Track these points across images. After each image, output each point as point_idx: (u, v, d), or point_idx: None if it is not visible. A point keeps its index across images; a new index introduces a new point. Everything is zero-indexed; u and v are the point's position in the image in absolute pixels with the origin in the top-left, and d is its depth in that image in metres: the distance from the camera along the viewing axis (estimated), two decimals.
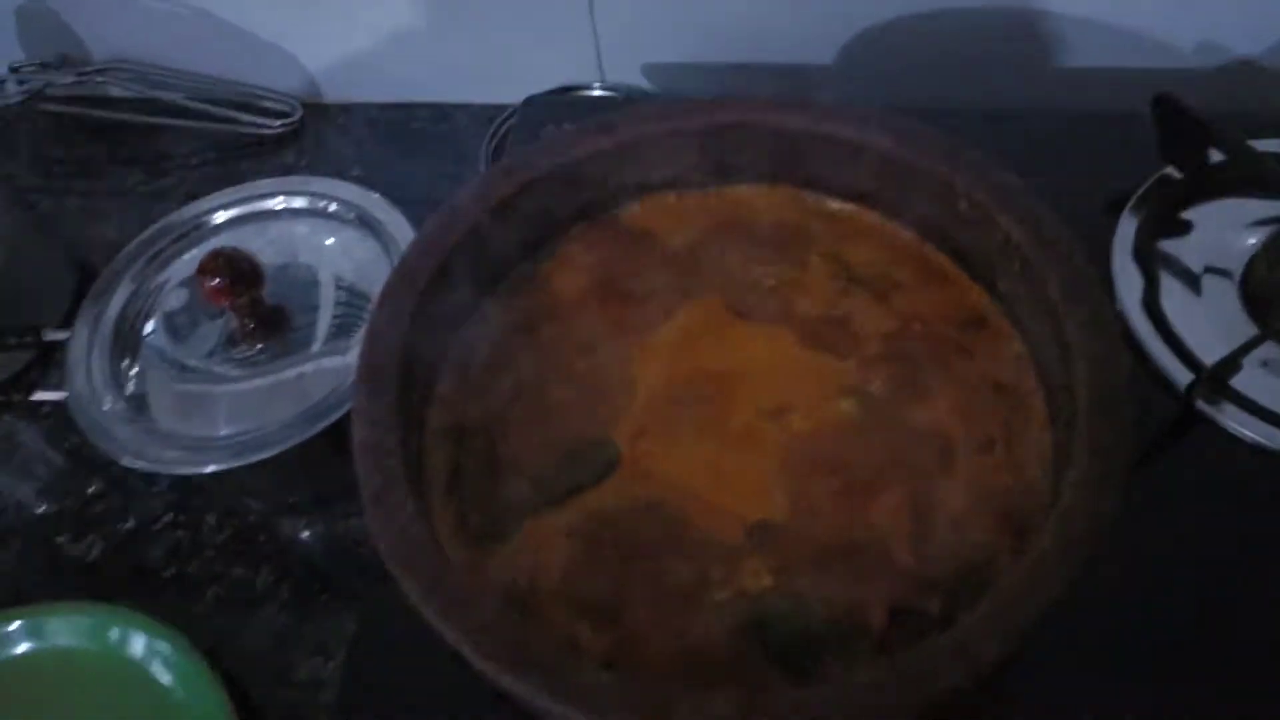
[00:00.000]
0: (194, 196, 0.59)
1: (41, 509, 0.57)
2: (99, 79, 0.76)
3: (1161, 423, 0.46)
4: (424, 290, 0.35)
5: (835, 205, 0.40)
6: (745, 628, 0.31)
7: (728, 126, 0.38)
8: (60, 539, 0.55)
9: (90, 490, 0.57)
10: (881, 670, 0.26)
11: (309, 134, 0.77)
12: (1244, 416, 0.45)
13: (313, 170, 0.73)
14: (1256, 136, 0.54)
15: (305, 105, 0.77)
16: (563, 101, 0.60)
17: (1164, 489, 0.43)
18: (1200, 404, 0.45)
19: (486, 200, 0.37)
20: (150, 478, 0.57)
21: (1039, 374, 0.35)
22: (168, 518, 0.56)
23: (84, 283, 0.63)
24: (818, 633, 0.31)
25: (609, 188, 0.40)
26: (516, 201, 0.38)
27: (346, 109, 0.78)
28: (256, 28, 0.75)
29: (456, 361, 0.38)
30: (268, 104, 0.77)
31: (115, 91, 0.77)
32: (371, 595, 0.48)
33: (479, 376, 0.38)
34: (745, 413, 0.36)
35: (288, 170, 0.73)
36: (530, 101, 0.59)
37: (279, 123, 0.76)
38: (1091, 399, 0.30)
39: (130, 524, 0.55)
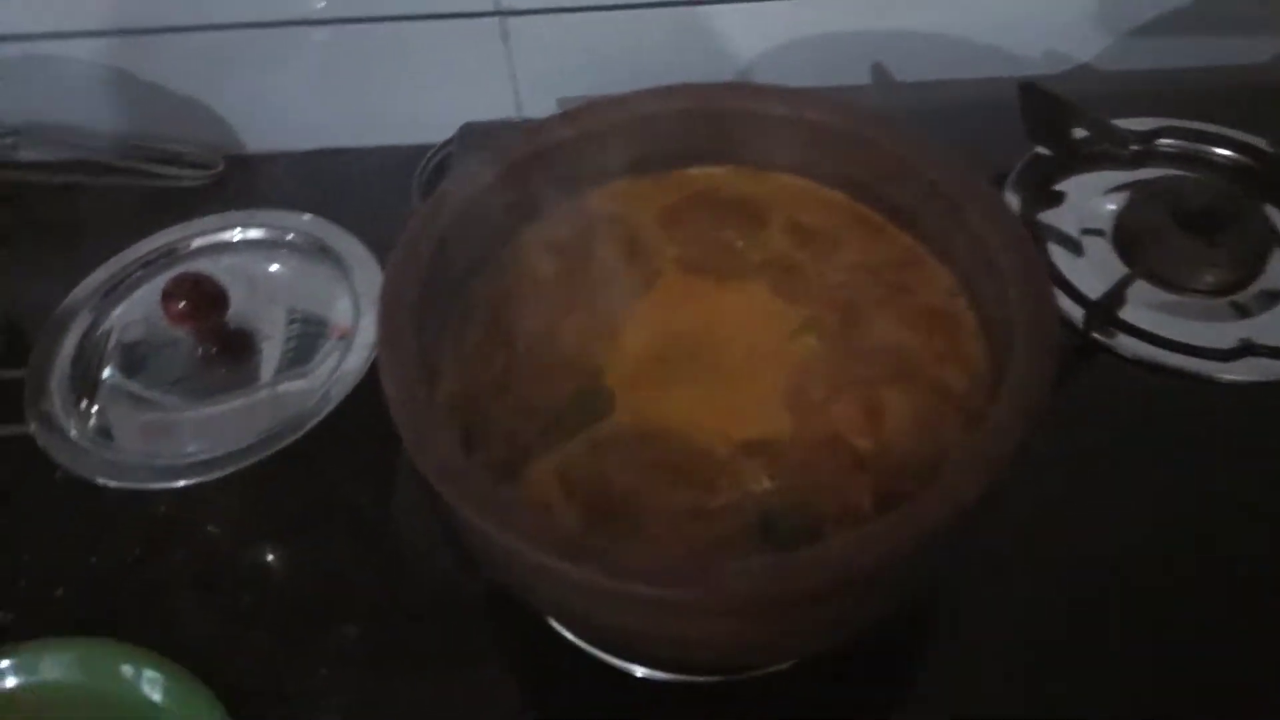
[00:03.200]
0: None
1: None
2: (9, 141, 0.75)
3: (1069, 355, 0.53)
4: (426, 266, 0.38)
5: (779, 176, 0.46)
6: (754, 528, 0.35)
7: (680, 112, 0.43)
8: (22, 583, 0.53)
9: (47, 535, 0.56)
10: (882, 521, 0.30)
11: (232, 185, 0.77)
12: (1133, 342, 0.52)
13: None
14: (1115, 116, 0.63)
15: (227, 157, 0.78)
16: (498, 126, 0.64)
17: (1078, 408, 0.50)
18: (1098, 336, 0.52)
19: (472, 184, 0.40)
20: (110, 519, 0.56)
21: (969, 296, 0.41)
22: (135, 553, 0.55)
23: (13, 342, 0.63)
24: (818, 522, 0.35)
25: (578, 172, 0.45)
26: (499, 184, 0.41)
27: (270, 158, 0.79)
28: (173, 84, 0.76)
29: (452, 338, 0.41)
30: (188, 158, 0.77)
31: (26, 155, 0.77)
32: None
33: (474, 349, 0.41)
34: (725, 354, 0.40)
35: None
36: (469, 127, 0.63)
37: (201, 174, 0.77)
38: (1021, 301, 0.35)
39: (94, 561, 0.55)
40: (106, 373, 0.54)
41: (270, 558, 0.56)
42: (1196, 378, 0.51)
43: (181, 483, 0.49)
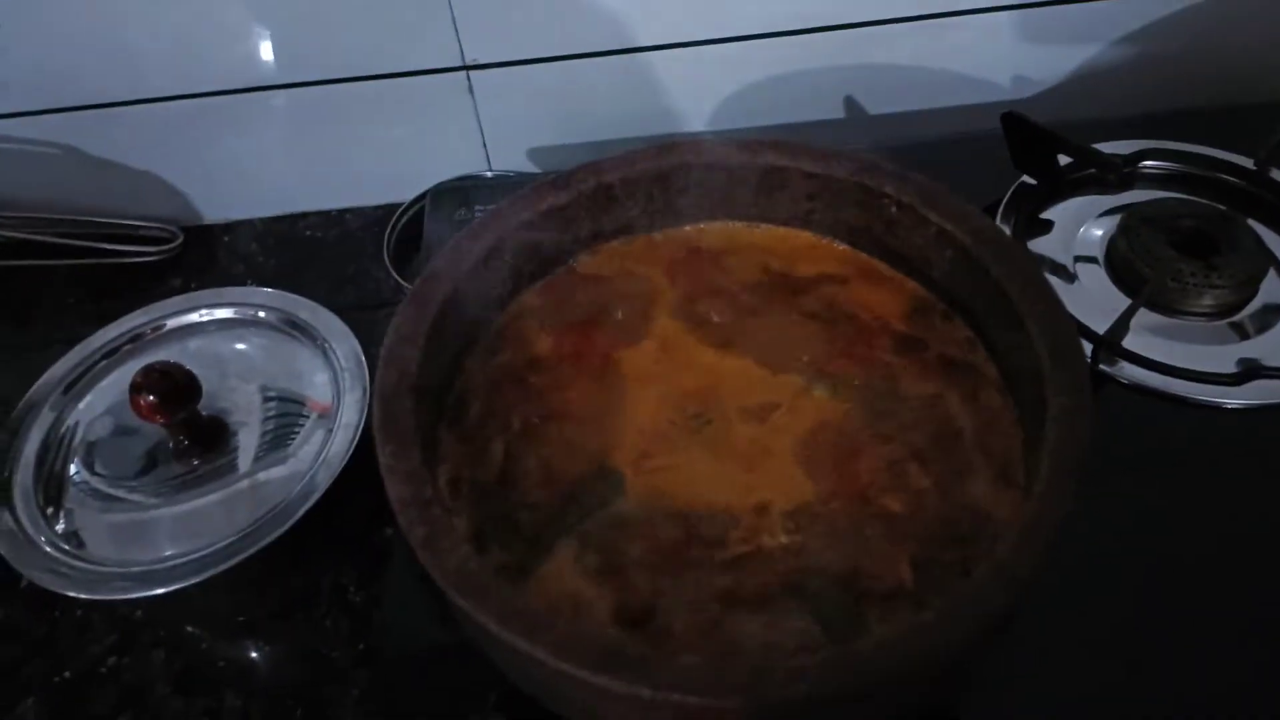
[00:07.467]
0: (72, 341, 0.57)
1: None
2: None
3: None
4: (423, 350, 0.35)
5: (774, 230, 0.44)
6: (796, 610, 0.32)
7: (673, 169, 0.42)
8: None
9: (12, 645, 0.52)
10: (938, 605, 0.28)
11: (193, 257, 0.75)
12: (1138, 371, 0.51)
13: None
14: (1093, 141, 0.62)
15: (185, 229, 0.75)
16: (468, 186, 0.62)
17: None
18: (1102, 366, 0.51)
19: (461, 263, 0.38)
20: (83, 627, 0.52)
21: (986, 347, 0.39)
22: (110, 661, 0.51)
23: None
24: (859, 600, 0.32)
25: (564, 241, 0.43)
26: (487, 261, 0.39)
27: (230, 227, 0.77)
28: (124, 158, 0.73)
29: (449, 419, 0.39)
30: (145, 233, 0.74)
31: None
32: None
33: (474, 429, 0.39)
34: (733, 418, 0.38)
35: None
36: (439, 189, 0.60)
37: (158, 250, 0.74)
38: (1050, 349, 0.34)
39: (67, 675, 0.51)
40: (73, 472, 0.51)
41: (254, 654, 0.52)
42: (1204, 405, 0.50)
43: (159, 590, 0.46)
